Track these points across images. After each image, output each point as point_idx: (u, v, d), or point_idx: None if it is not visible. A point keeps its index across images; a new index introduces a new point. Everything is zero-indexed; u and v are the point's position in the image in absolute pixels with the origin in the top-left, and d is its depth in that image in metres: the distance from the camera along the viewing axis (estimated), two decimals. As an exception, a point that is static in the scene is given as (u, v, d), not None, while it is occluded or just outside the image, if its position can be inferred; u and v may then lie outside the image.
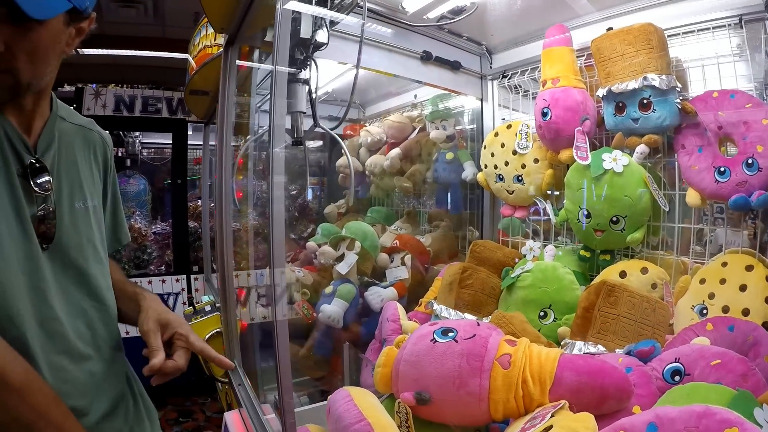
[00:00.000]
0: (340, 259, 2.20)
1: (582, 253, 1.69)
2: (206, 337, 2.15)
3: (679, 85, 1.45)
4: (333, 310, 2.03)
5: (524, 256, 1.92)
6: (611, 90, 1.52)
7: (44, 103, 1.02)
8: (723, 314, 1.28)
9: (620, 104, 1.53)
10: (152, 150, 5.02)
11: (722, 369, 1.05)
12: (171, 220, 4.34)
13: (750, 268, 1.30)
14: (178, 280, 4.10)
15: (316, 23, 1.55)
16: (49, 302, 0.94)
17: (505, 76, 2.12)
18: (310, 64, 1.61)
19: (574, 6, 1.74)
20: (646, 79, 1.43)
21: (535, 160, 1.84)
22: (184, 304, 4.04)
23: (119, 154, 4.73)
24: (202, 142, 4.24)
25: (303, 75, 1.62)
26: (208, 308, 2.54)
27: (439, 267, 2.32)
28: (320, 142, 3.29)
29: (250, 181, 2.26)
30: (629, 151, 1.55)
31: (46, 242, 0.96)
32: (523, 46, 2.03)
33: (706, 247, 1.52)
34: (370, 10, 1.70)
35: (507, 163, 1.92)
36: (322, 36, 1.57)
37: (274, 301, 1.22)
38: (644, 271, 1.50)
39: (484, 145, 2.04)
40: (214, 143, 3.37)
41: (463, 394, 1.01)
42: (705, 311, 1.33)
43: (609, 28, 1.59)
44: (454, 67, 2.10)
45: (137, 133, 4.80)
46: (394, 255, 2.33)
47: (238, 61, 1.83)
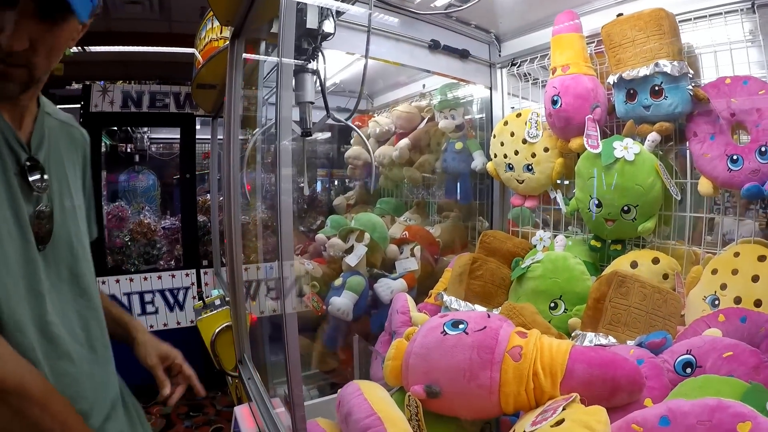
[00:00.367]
0: (350, 251, 2.20)
1: (593, 242, 1.68)
2: (216, 331, 2.16)
3: (691, 72, 1.42)
4: (343, 302, 2.03)
5: (534, 247, 1.90)
6: (622, 77, 1.49)
7: (35, 98, 1.00)
8: (735, 305, 1.26)
9: (631, 91, 1.50)
10: (161, 145, 5.04)
11: (734, 361, 1.03)
12: (180, 215, 4.35)
13: (762, 258, 1.28)
14: (187, 275, 4.11)
15: (323, 13, 1.53)
16: (47, 306, 0.92)
17: (515, 64, 2.09)
18: (319, 54, 1.59)
19: (584, -9, 1.71)
20: (657, 65, 1.40)
21: (545, 149, 1.82)
22: (194, 298, 4.06)
23: (128, 150, 4.76)
24: (210, 136, 4.25)
25: (311, 66, 1.60)
26: (217, 302, 2.56)
27: (448, 258, 2.32)
28: (328, 134, 3.28)
29: (259, 174, 2.25)
30: (640, 139, 1.53)
31: (42, 243, 0.94)
32: (532, 34, 2.00)
33: (718, 237, 1.49)
34: (378, -1, 1.69)
35: (517, 152, 1.90)
36: (328, 26, 1.55)
37: (283, 294, 1.22)
38: (655, 261, 1.48)
39: (493, 134, 2.02)
40: (222, 137, 3.39)
41: (474, 387, 1.01)
42: (717, 302, 1.31)
43: (619, 14, 1.56)
44: (463, 55, 2.08)
45: (145, 129, 4.81)
46: (403, 246, 2.33)
47: (244, 54, 1.82)
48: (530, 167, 1.87)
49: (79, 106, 3.90)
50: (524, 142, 1.88)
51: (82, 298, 1.04)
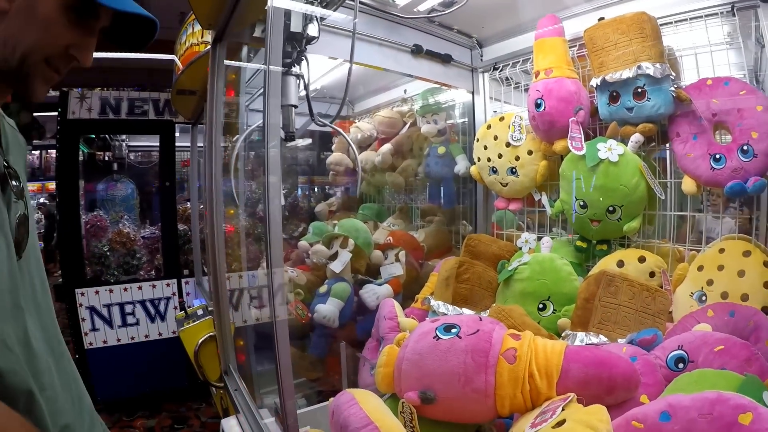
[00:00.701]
0: (334, 257, 2.17)
1: (578, 243, 1.69)
2: (199, 342, 2.11)
3: (673, 74, 1.45)
4: (328, 309, 2.00)
5: (520, 249, 1.91)
6: (605, 79, 1.51)
7: None
8: (722, 300, 1.28)
9: (614, 93, 1.52)
10: (139, 153, 4.96)
11: (726, 355, 1.05)
12: (160, 224, 4.26)
13: (747, 253, 1.30)
14: (168, 285, 4.04)
15: (307, 17, 1.52)
16: (25, 318, 0.86)
17: (497, 69, 2.11)
18: (303, 58, 1.58)
19: (565, -4, 1.73)
20: (640, 67, 1.43)
21: (529, 152, 1.83)
22: (175, 308, 3.98)
23: (106, 159, 4.67)
24: (190, 144, 4.19)
25: (295, 69, 1.59)
26: (200, 312, 2.51)
27: (433, 262, 2.31)
28: (309, 140, 3.26)
29: (241, 182, 2.22)
30: (624, 141, 1.55)
31: (19, 252, 0.88)
32: (514, 38, 2.02)
33: (703, 235, 1.52)
34: (361, 2, 1.67)
35: (500, 156, 1.91)
36: (312, 30, 1.54)
37: (273, 302, 1.19)
38: (642, 259, 1.50)
39: (476, 137, 2.02)
40: (203, 144, 3.33)
41: (469, 391, 1.00)
42: (704, 298, 1.33)
43: (600, 18, 1.59)
44: (445, 60, 2.09)
45: (124, 137, 4.73)
46: (387, 251, 2.31)
47: (226, 61, 1.79)
48: (514, 170, 1.88)
49: (57, 113, 3.80)
50: (508, 145, 1.89)
51: (47, 306, 0.97)
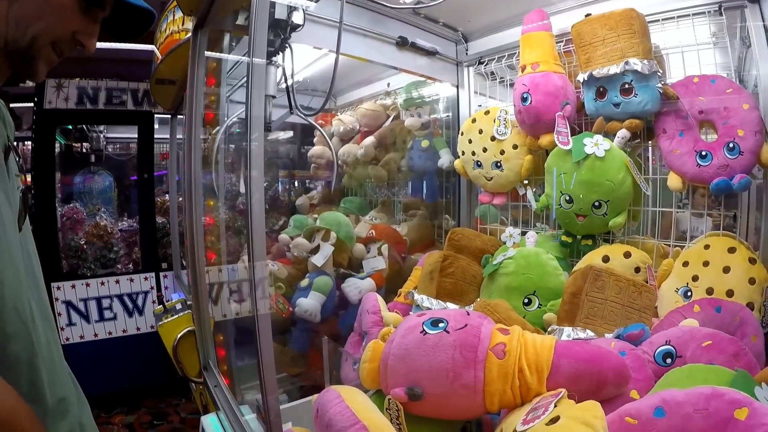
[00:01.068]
0: (315, 250, 2.14)
1: (563, 238, 1.68)
2: (178, 337, 2.06)
3: (660, 70, 1.45)
4: (310, 303, 1.97)
5: (504, 243, 1.90)
6: (592, 74, 1.50)
7: None
8: (707, 296, 1.29)
9: (601, 89, 1.52)
10: (117, 145, 4.85)
11: (714, 350, 1.05)
12: (138, 217, 4.18)
13: (732, 250, 1.32)
14: (146, 279, 3.97)
15: (291, 5, 1.48)
16: (27, 291, 0.88)
17: (482, 63, 2.09)
18: (287, 47, 1.54)
19: (552, -9, 1.72)
20: (627, 63, 1.43)
21: (514, 146, 1.82)
22: (153, 302, 3.92)
23: (84, 150, 4.55)
24: (169, 135, 4.10)
25: (277, 59, 1.54)
26: (179, 306, 2.45)
27: (416, 256, 2.29)
28: (290, 133, 3.21)
29: (221, 174, 2.17)
30: (610, 136, 1.55)
31: (20, 224, 0.91)
32: (499, 33, 2.00)
33: (688, 232, 1.53)
34: (345, -9, 1.64)
35: (485, 150, 1.89)
36: (297, 17, 1.50)
37: (255, 295, 1.16)
38: (627, 255, 1.50)
39: (461, 131, 2.01)
40: (182, 136, 3.25)
41: (458, 387, 0.98)
42: (689, 293, 1.34)
43: (587, 14, 1.58)
44: (431, 53, 2.06)
45: (102, 128, 4.62)
46: (370, 245, 2.29)
47: (207, 52, 1.73)
48: (499, 164, 1.87)
49: (33, 104, 3.68)
50: (493, 139, 1.88)
51: (42, 280, 0.99)
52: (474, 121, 1.95)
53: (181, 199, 3.59)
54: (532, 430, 0.80)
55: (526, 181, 1.84)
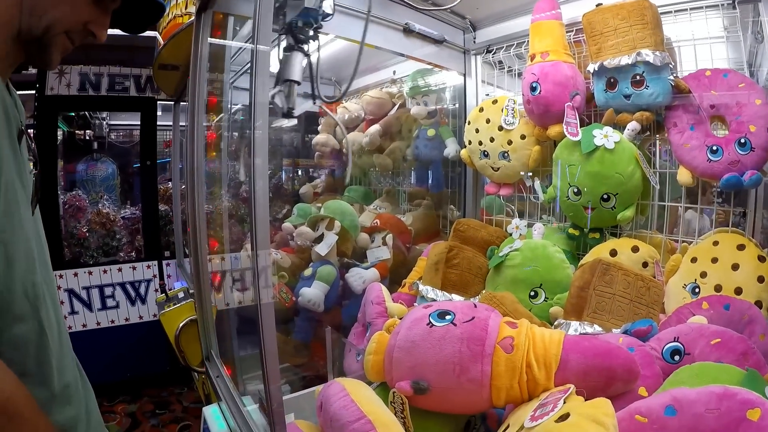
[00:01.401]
0: (319, 239, 2.13)
1: (570, 231, 1.67)
2: (180, 326, 2.05)
3: (672, 63, 1.42)
4: (313, 293, 1.96)
5: (510, 235, 1.89)
6: (603, 65, 1.48)
7: None
8: (716, 293, 1.27)
9: (612, 80, 1.49)
10: (120, 133, 4.80)
11: (722, 348, 1.04)
12: (141, 204, 4.14)
13: (741, 247, 1.30)
14: (149, 267, 3.94)
15: None
16: (50, 272, 0.93)
17: (490, 51, 2.06)
18: (317, 36, 1.57)
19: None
20: (639, 54, 1.40)
21: (522, 137, 1.80)
22: (156, 291, 3.89)
23: (86, 138, 4.50)
24: (172, 123, 4.07)
25: (306, 47, 1.56)
26: (181, 295, 2.45)
27: (421, 247, 2.28)
28: (294, 121, 3.18)
29: (224, 162, 2.15)
30: (619, 128, 1.52)
31: (32, 208, 0.92)
32: (508, 22, 1.97)
33: (696, 227, 1.51)
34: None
35: (492, 140, 1.87)
36: (327, 6, 1.50)
37: (258, 284, 1.15)
38: (635, 249, 1.49)
39: (468, 120, 1.98)
40: (185, 123, 3.22)
41: (464, 381, 0.97)
42: (697, 290, 1.32)
43: (599, 4, 1.55)
44: (438, 40, 2.03)
45: (104, 115, 4.56)
46: (374, 235, 2.27)
47: (211, 39, 1.70)
48: (506, 155, 1.85)
49: (34, 90, 3.64)
50: (500, 129, 1.85)
51: (50, 264, 0.99)
52: (481, 110, 1.93)
53: (183, 187, 3.57)
54: (541, 427, 0.79)
55: (531, 173, 1.82)
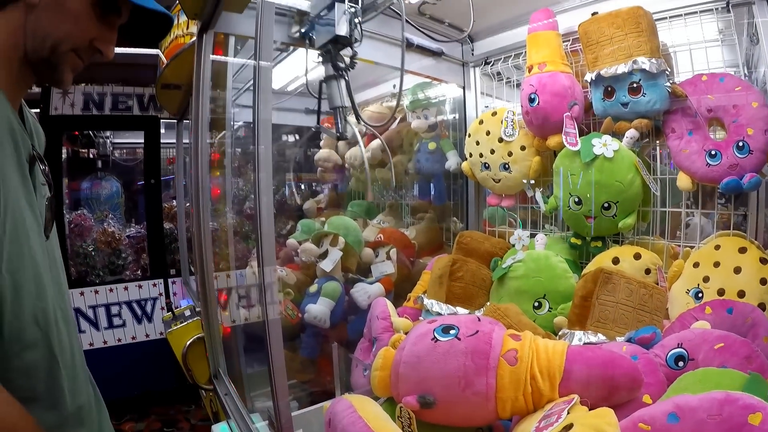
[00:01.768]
0: (324, 256, 2.14)
1: (573, 240, 1.67)
2: (187, 344, 2.06)
3: (669, 69, 1.43)
4: (319, 309, 1.97)
5: (513, 246, 1.89)
6: (600, 74, 1.49)
7: None
8: (719, 297, 1.27)
9: (609, 88, 1.51)
10: (124, 151, 4.85)
11: (726, 352, 1.04)
12: (145, 223, 4.18)
13: (743, 250, 1.30)
14: (155, 285, 3.97)
15: (352, 22, 1.56)
16: (53, 298, 0.90)
17: (488, 63, 2.08)
18: (354, 63, 1.68)
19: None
20: (635, 62, 1.41)
21: (522, 148, 1.81)
22: (162, 309, 3.92)
23: (90, 156, 4.55)
24: (176, 140, 4.11)
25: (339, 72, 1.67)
26: (187, 313, 2.46)
27: (425, 260, 2.29)
28: (297, 137, 3.21)
29: (228, 180, 2.17)
30: (618, 136, 1.53)
31: (47, 233, 0.92)
32: (505, 33, 1.99)
33: (698, 232, 1.51)
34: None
35: (493, 151, 1.88)
36: (356, 33, 1.60)
37: (265, 301, 1.16)
38: (637, 256, 1.49)
39: (468, 133, 2.00)
40: (188, 141, 3.24)
41: (470, 395, 0.97)
42: (700, 295, 1.32)
43: (594, 13, 1.57)
44: (436, 53, 2.05)
45: (108, 134, 4.62)
46: (378, 249, 2.28)
47: (213, 56, 1.73)
48: (507, 166, 1.86)
49: (39, 110, 3.70)
50: (500, 140, 1.87)
51: (66, 287, 1.01)
52: (481, 122, 1.95)
53: (188, 204, 3.59)
54: (545, 438, 0.79)
55: (533, 181, 1.82)
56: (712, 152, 1.34)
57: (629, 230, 1.55)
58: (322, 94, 1.81)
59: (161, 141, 4.18)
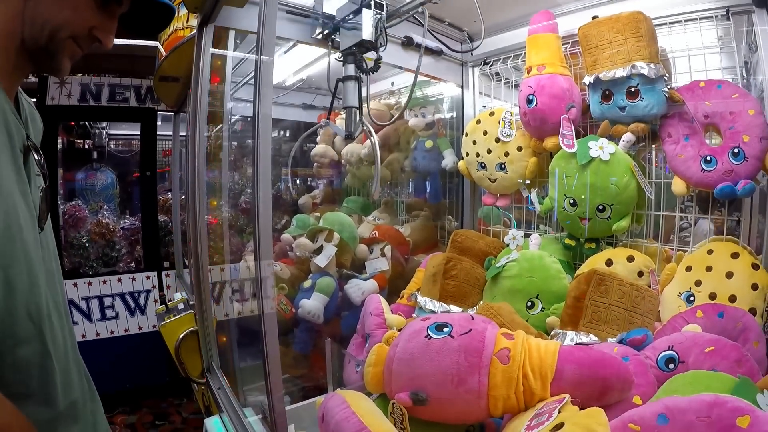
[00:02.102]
0: (318, 251, 2.14)
1: (567, 241, 1.68)
2: (180, 337, 2.06)
3: (667, 74, 1.45)
4: (313, 305, 1.97)
5: (507, 246, 1.90)
6: (599, 77, 1.50)
7: None
8: (710, 301, 1.29)
9: (607, 92, 1.52)
10: (120, 142, 4.81)
11: (716, 356, 1.05)
12: (140, 215, 4.15)
13: (735, 255, 1.32)
14: (148, 277, 3.95)
15: (378, 26, 1.59)
16: (46, 291, 0.89)
17: (487, 63, 2.09)
18: (378, 66, 1.73)
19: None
20: (634, 67, 1.42)
21: (519, 148, 1.82)
22: (155, 302, 3.89)
23: (86, 147, 4.51)
24: (172, 133, 4.09)
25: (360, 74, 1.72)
26: (181, 306, 2.45)
27: (419, 258, 2.29)
28: (293, 131, 3.21)
29: (225, 172, 2.16)
30: (615, 140, 1.54)
31: (41, 224, 0.91)
32: (505, 33, 1.99)
33: (691, 236, 1.52)
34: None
35: (489, 151, 1.89)
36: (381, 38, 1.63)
37: (261, 295, 1.16)
38: (630, 259, 1.50)
39: (465, 132, 2.01)
40: (185, 133, 3.22)
41: (462, 392, 0.98)
42: (692, 298, 1.34)
43: (594, 17, 1.58)
44: (436, 52, 2.06)
45: (104, 124, 4.58)
46: (373, 246, 2.29)
47: (213, 49, 1.73)
48: (503, 166, 1.87)
49: (35, 99, 3.67)
50: (497, 140, 1.87)
51: (60, 280, 0.99)
52: (479, 122, 1.95)
53: (183, 197, 3.58)
54: (536, 437, 0.80)
55: (528, 182, 1.83)
56: (708, 158, 1.36)
57: (623, 233, 1.56)
58: (338, 93, 1.85)
59: (158, 133, 4.15)
